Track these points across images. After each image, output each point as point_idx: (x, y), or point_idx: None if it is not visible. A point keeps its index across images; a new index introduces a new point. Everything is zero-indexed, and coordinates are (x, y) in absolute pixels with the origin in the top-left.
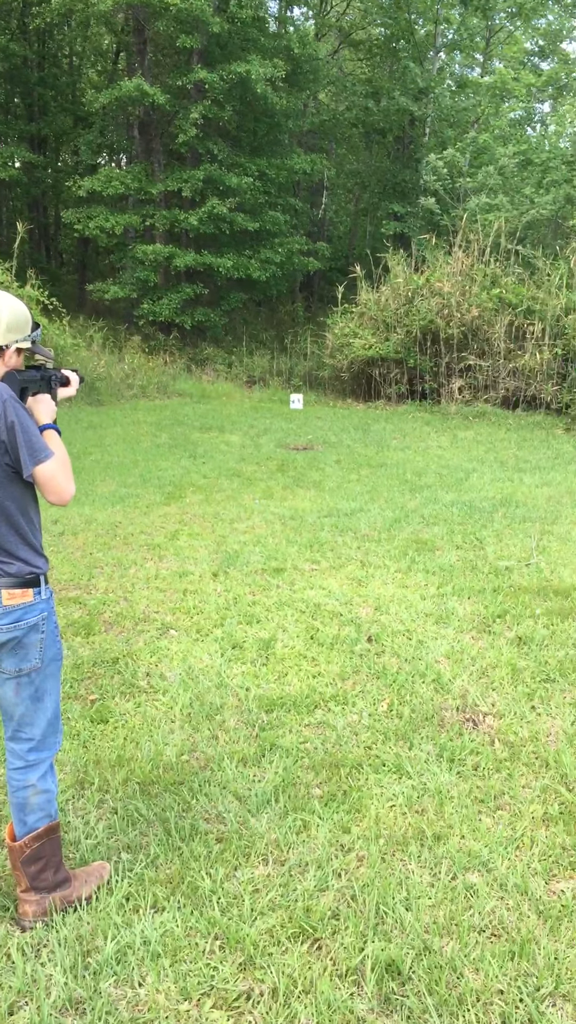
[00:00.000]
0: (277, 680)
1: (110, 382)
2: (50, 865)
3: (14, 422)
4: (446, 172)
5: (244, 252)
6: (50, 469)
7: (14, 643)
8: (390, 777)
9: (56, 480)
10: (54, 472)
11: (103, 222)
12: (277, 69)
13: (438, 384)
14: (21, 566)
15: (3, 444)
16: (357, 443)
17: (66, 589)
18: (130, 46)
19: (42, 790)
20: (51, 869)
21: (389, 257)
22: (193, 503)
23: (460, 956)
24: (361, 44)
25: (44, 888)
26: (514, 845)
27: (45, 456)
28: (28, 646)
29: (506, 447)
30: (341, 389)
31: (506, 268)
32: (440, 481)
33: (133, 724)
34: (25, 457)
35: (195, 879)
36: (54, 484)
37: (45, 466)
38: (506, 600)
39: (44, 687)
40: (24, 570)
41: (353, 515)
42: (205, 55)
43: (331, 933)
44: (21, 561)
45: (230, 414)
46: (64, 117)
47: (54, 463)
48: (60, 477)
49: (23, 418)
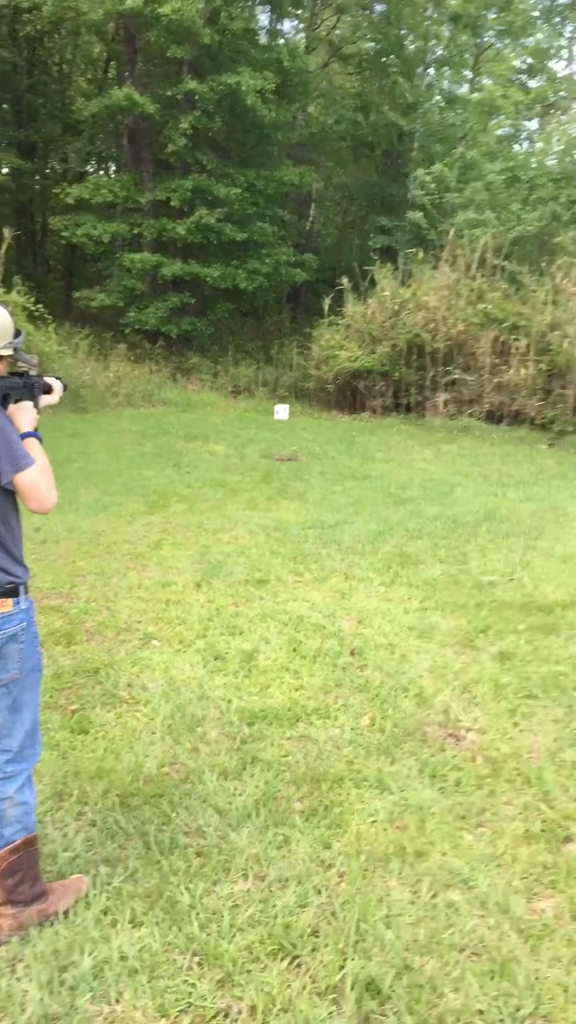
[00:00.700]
0: (259, 692)
1: (95, 390)
2: (27, 878)
3: None
4: (434, 187)
5: (231, 262)
6: (31, 477)
7: None
8: (372, 792)
9: (37, 488)
10: (35, 480)
11: (91, 230)
12: (267, 81)
13: (423, 397)
14: (0, 575)
15: None
16: (342, 455)
17: (48, 598)
18: (120, 55)
19: (19, 802)
20: (28, 882)
21: (376, 270)
22: (177, 513)
23: (440, 975)
24: (351, 58)
25: (21, 902)
26: (495, 863)
27: (26, 464)
28: (6, 656)
29: (490, 461)
30: (326, 401)
31: (492, 284)
32: (424, 494)
33: (113, 735)
34: (5, 465)
35: (174, 894)
36: (35, 492)
37: (25, 474)
38: (489, 615)
39: (23, 698)
40: (3, 579)
41: (337, 527)
42: (195, 66)
43: (311, 950)
44: (2, 571)
45: (215, 424)
46: (53, 124)
47: (35, 471)
48: (41, 485)
49: (3, 425)
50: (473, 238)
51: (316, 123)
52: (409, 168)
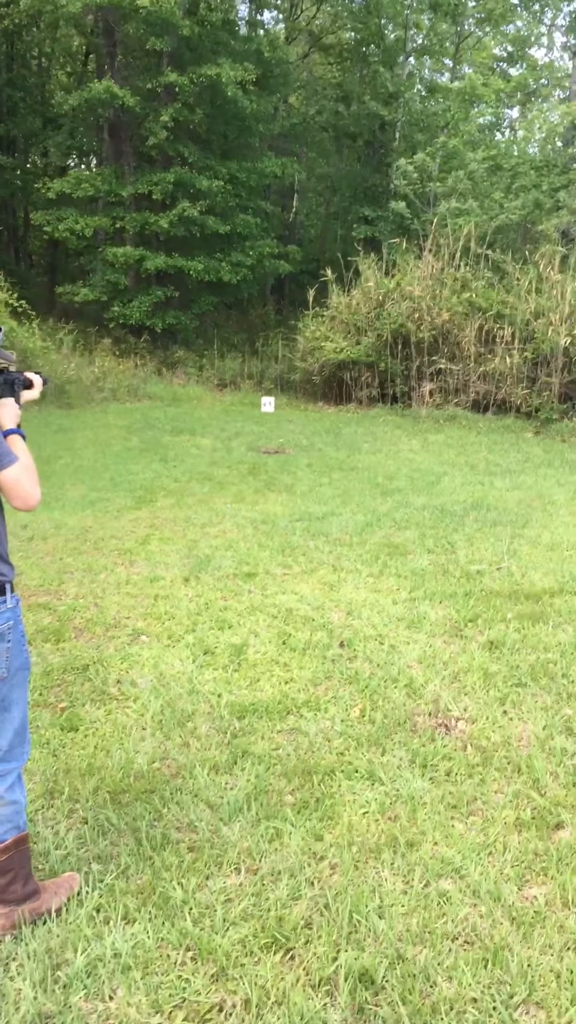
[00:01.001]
0: (249, 686)
1: (80, 385)
2: (19, 877)
3: None
4: (416, 176)
5: (215, 255)
6: (13, 474)
7: None
8: (363, 784)
9: (21, 485)
10: (18, 477)
11: (73, 224)
12: (247, 72)
13: (409, 388)
14: None
15: None
16: (328, 447)
17: (35, 595)
18: (100, 48)
19: (9, 801)
20: (20, 881)
21: (360, 261)
22: (164, 507)
23: (433, 964)
24: (331, 48)
25: (13, 901)
26: (487, 851)
27: (8, 461)
28: None
29: (476, 451)
30: (312, 392)
31: (476, 272)
32: (411, 485)
33: (104, 732)
34: None
35: (166, 889)
36: (19, 489)
37: (8, 471)
38: (477, 604)
39: (11, 697)
40: None
41: (325, 519)
42: (175, 58)
43: (304, 943)
44: None
45: (201, 417)
46: (33, 118)
47: (18, 468)
48: (25, 482)
49: None
50: (456, 227)
51: (297, 114)
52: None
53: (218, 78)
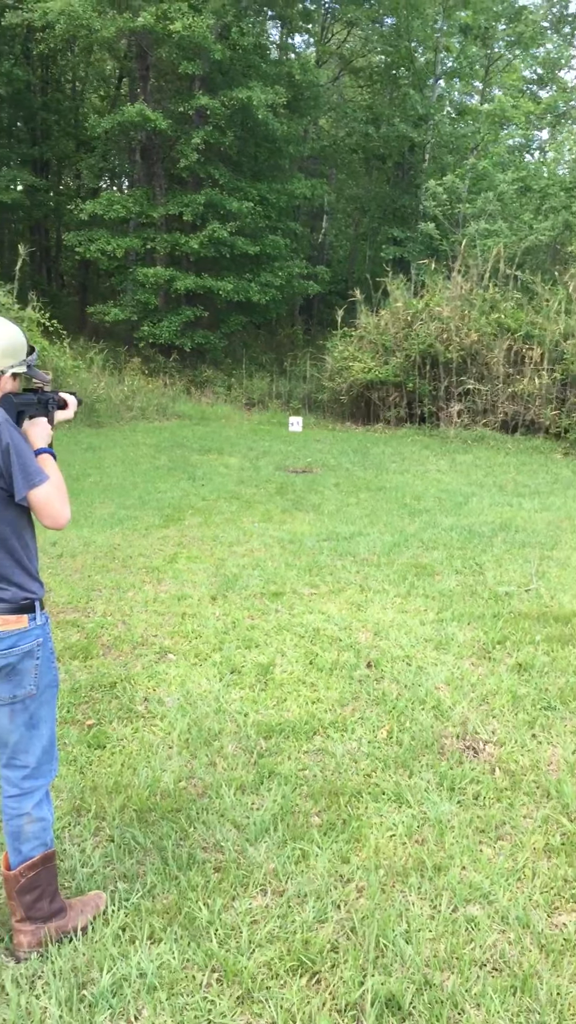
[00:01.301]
0: (276, 706)
1: (110, 404)
2: (45, 895)
3: (8, 445)
4: (445, 198)
5: (244, 275)
6: (44, 493)
7: (8, 669)
8: (390, 806)
9: (51, 504)
10: (49, 496)
11: (104, 245)
12: (278, 95)
13: (437, 408)
14: (16, 591)
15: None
16: (356, 466)
17: (64, 612)
18: (133, 72)
19: (37, 818)
20: (47, 899)
21: (388, 281)
22: (192, 526)
23: (461, 991)
24: (362, 71)
25: (39, 918)
26: (515, 877)
27: (40, 480)
28: (23, 672)
29: (505, 471)
30: (340, 412)
31: (505, 293)
32: (439, 505)
33: (131, 750)
34: (19, 481)
35: (192, 910)
36: (49, 508)
37: (39, 490)
38: (506, 626)
39: (39, 714)
40: (19, 595)
41: (352, 539)
42: (207, 81)
43: (330, 966)
44: (16, 586)
45: (229, 436)
46: (66, 141)
47: (49, 487)
48: (55, 501)
49: (17, 441)
50: (485, 248)
51: (327, 136)
52: (420, 179)
53: (249, 101)
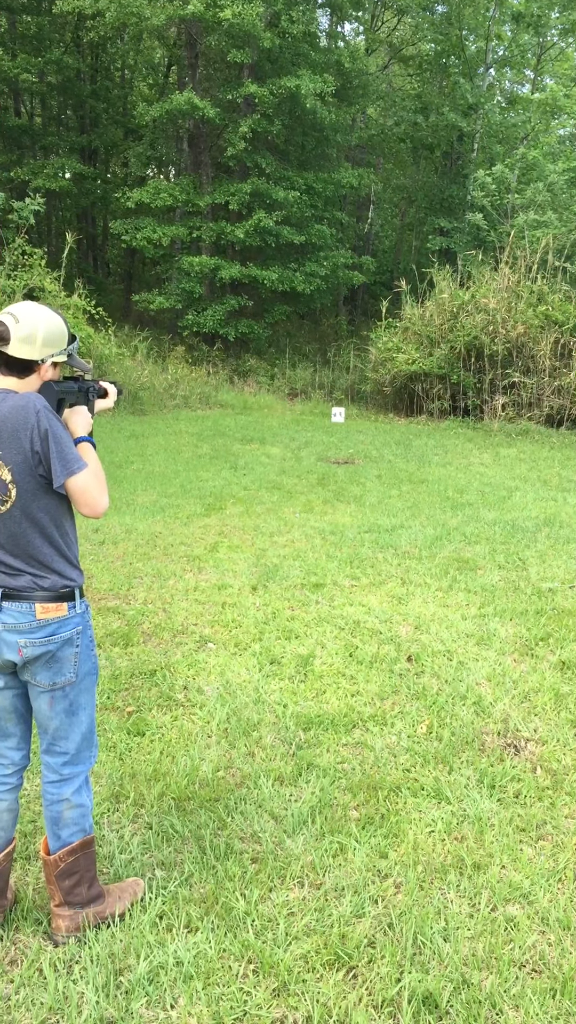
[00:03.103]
0: (315, 698)
1: (153, 392)
2: (84, 880)
3: (47, 431)
4: (494, 188)
5: (289, 265)
6: (83, 481)
7: (48, 657)
8: (429, 802)
9: (89, 492)
10: (87, 484)
11: (150, 233)
12: (327, 84)
13: (481, 401)
14: (56, 579)
15: (37, 455)
16: (398, 458)
17: (105, 599)
18: (182, 60)
19: (76, 804)
20: (85, 884)
21: (434, 272)
22: (233, 515)
23: (499, 991)
24: (411, 60)
25: (78, 903)
26: (556, 877)
27: (78, 467)
28: (62, 660)
29: (549, 466)
30: (383, 404)
31: (553, 285)
32: (482, 499)
33: (170, 738)
34: (57, 468)
35: (229, 900)
36: (87, 496)
37: (77, 477)
38: (549, 623)
39: (79, 701)
40: (59, 583)
41: (394, 531)
42: (256, 69)
43: (367, 962)
44: (56, 574)
45: (271, 426)
46: (115, 129)
47: (87, 475)
48: (93, 489)
49: (56, 428)
50: (534, 239)
51: (375, 125)
52: (469, 169)
53: (297, 90)
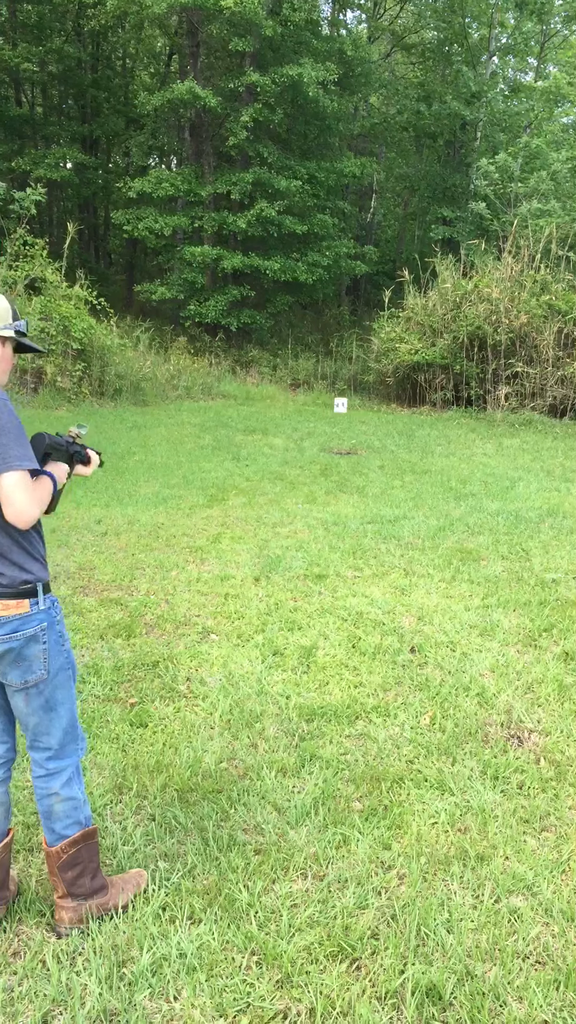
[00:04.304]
0: (318, 689)
1: (155, 383)
2: (87, 871)
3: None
4: (497, 177)
5: (291, 255)
6: (14, 480)
7: (13, 655)
8: (432, 793)
9: (17, 494)
10: (18, 485)
11: (152, 223)
12: (329, 72)
13: (484, 391)
14: (15, 574)
15: None
16: (401, 449)
17: (108, 590)
18: (183, 49)
19: (65, 797)
20: (88, 875)
21: (437, 262)
22: (236, 506)
23: (503, 983)
24: (414, 48)
25: (81, 894)
26: (560, 869)
27: (17, 465)
28: (30, 658)
29: (553, 456)
30: (386, 394)
31: (556, 275)
32: (485, 489)
33: (172, 729)
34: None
35: (232, 891)
36: (14, 497)
37: (10, 475)
38: (553, 614)
39: (55, 697)
40: (18, 579)
41: (397, 522)
42: (257, 58)
43: (370, 953)
44: (16, 567)
45: (274, 417)
46: (116, 119)
47: (22, 477)
48: (22, 493)
49: (7, 423)
50: (537, 228)
51: (378, 113)
52: (472, 158)
53: (300, 78)
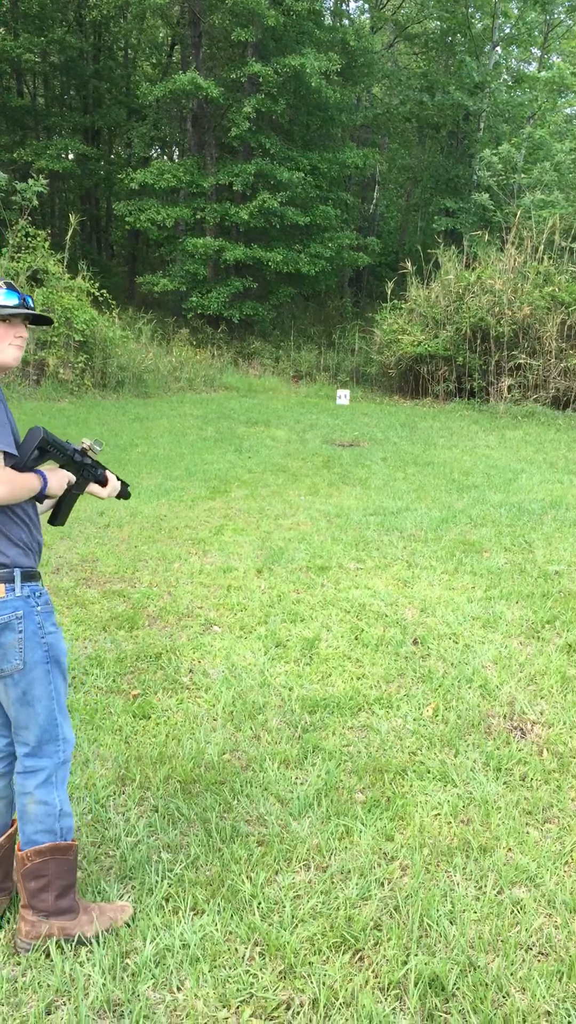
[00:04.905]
0: (320, 681)
1: (158, 375)
2: (52, 888)
3: None
4: (500, 168)
5: (294, 246)
6: None
7: None
8: (435, 785)
9: None
10: None
11: (154, 215)
12: (331, 62)
13: (487, 383)
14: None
15: None
16: (404, 441)
17: (111, 582)
18: (185, 39)
19: (40, 800)
20: (52, 892)
21: (440, 253)
22: (238, 498)
23: (506, 974)
24: (417, 38)
25: (43, 910)
26: (563, 860)
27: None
28: (4, 645)
29: (556, 448)
30: (388, 386)
31: (560, 266)
32: (488, 481)
33: (175, 721)
34: None
35: (235, 882)
36: None
37: None
38: (555, 605)
39: (32, 692)
40: None
41: (399, 514)
42: (260, 48)
43: (373, 944)
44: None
45: (276, 409)
46: (118, 110)
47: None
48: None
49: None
50: (541, 219)
51: (380, 104)
52: (475, 149)
53: (302, 68)
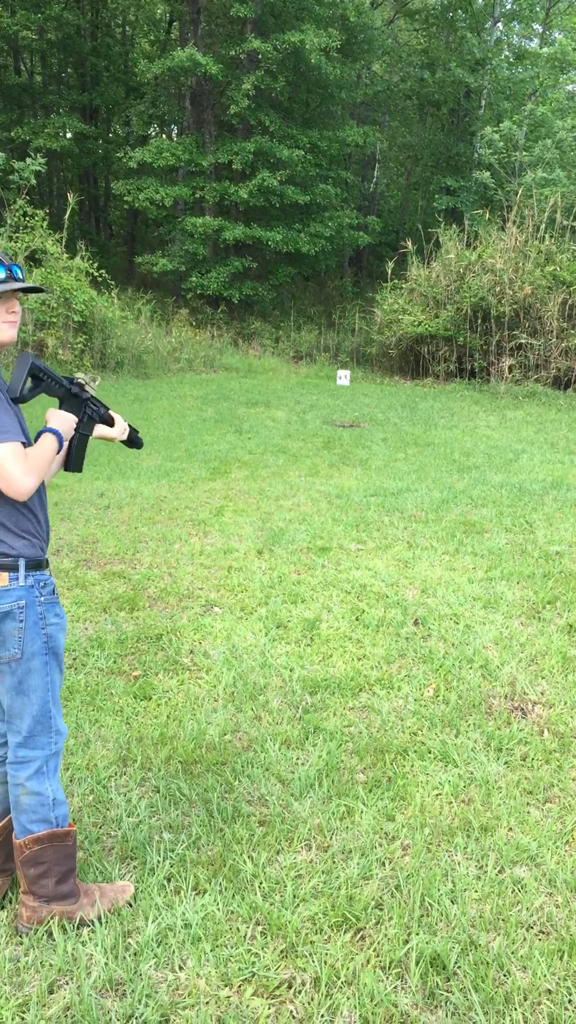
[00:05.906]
0: (321, 661)
1: (157, 355)
2: (51, 873)
3: None
4: (502, 145)
5: (294, 226)
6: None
7: None
8: (436, 765)
9: (4, 467)
10: (3, 458)
11: (153, 194)
12: (331, 39)
13: (487, 363)
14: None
15: None
16: (404, 421)
17: (111, 563)
18: (183, 15)
19: (32, 791)
20: (52, 878)
21: (441, 232)
22: (238, 479)
23: (507, 953)
24: (417, 14)
25: (43, 896)
26: (563, 840)
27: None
28: (4, 633)
29: (556, 428)
30: (388, 366)
31: (561, 245)
32: (489, 462)
33: (176, 702)
34: None
35: (237, 862)
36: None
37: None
38: (556, 586)
39: (28, 681)
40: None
41: (400, 495)
42: (259, 24)
43: (375, 923)
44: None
45: (276, 389)
46: (116, 87)
47: (6, 448)
48: (10, 464)
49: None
50: (542, 198)
51: (381, 81)
52: (476, 126)
53: (301, 44)
